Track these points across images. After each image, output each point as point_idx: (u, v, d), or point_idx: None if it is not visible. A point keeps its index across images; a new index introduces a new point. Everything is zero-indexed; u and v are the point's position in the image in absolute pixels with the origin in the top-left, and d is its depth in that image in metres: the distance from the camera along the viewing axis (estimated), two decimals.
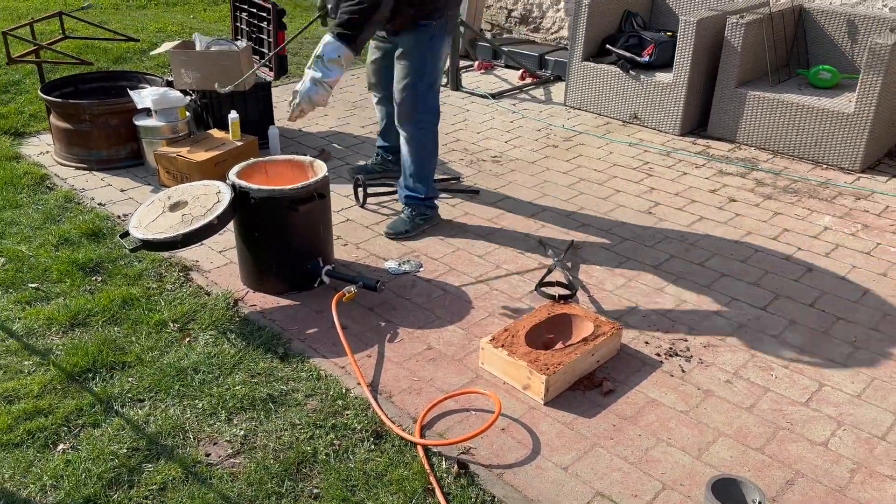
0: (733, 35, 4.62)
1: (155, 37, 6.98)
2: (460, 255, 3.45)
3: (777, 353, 2.81)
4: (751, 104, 4.65)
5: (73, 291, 3.09)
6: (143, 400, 2.51)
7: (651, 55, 4.98)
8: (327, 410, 2.47)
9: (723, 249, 3.53)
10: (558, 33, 6.80)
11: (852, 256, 3.47)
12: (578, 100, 5.37)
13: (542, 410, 2.50)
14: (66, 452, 2.28)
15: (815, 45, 4.99)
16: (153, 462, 2.26)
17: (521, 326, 2.72)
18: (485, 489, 2.18)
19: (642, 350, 2.81)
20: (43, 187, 4.04)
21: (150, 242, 2.87)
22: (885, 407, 2.53)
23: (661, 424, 2.44)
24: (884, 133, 4.46)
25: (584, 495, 2.17)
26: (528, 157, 4.57)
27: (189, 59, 4.16)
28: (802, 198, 4.06)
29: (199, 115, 4.51)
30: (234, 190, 2.99)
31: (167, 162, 3.99)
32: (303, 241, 3.10)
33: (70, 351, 2.71)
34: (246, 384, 2.58)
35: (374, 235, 3.62)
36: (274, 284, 3.12)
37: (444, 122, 5.12)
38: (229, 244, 3.43)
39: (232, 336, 2.84)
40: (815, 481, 2.23)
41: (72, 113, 4.18)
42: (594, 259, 3.44)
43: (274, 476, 2.21)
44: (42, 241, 3.46)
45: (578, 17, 5.17)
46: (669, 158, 4.58)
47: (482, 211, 3.88)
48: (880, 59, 4.11)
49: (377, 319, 2.99)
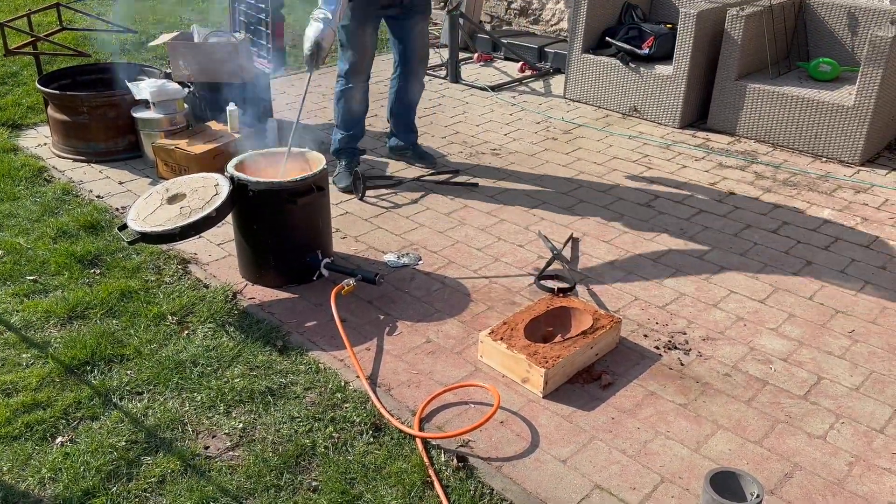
0: (733, 27, 4.61)
1: (153, 28, 6.96)
2: (459, 248, 3.45)
3: (776, 346, 2.81)
4: (751, 97, 4.64)
5: (72, 284, 3.08)
6: (141, 393, 2.51)
7: (651, 47, 4.96)
8: (326, 403, 2.47)
9: (722, 242, 3.53)
10: (558, 25, 6.78)
11: (851, 249, 3.47)
12: (578, 92, 5.36)
13: (540, 403, 2.50)
14: (64, 445, 2.28)
15: (815, 37, 4.97)
16: (152, 455, 2.26)
17: (520, 319, 2.72)
18: (483, 482, 2.18)
19: (641, 343, 2.81)
20: (41, 179, 4.03)
21: (148, 235, 2.87)
22: (884, 400, 2.53)
23: (660, 417, 2.44)
24: (883, 126, 4.45)
25: (582, 488, 2.17)
26: (528, 150, 4.56)
27: (187, 51, 4.14)
28: (802, 191, 4.06)
29: (198, 108, 4.49)
30: (232, 182, 2.98)
31: (165, 154, 3.98)
32: (301, 233, 3.09)
33: (68, 344, 2.71)
34: (245, 377, 2.58)
35: (372, 228, 3.61)
36: (272, 277, 3.12)
37: (443, 115, 5.12)
38: (228, 237, 3.43)
39: (230, 329, 2.83)
40: (813, 474, 2.23)
41: (70, 105, 4.17)
42: (593, 252, 3.44)
43: (273, 469, 2.21)
44: (40, 233, 3.45)
45: (578, 8, 5.15)
46: (669, 151, 4.58)
47: (481, 204, 3.87)
48: (880, 52, 4.10)
49: (376, 312, 2.98)
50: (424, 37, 4.03)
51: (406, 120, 4.26)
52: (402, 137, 4.31)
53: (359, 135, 4.09)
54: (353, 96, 3.94)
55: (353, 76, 3.88)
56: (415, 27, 3.94)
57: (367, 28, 3.79)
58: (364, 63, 3.88)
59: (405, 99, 4.16)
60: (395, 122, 4.29)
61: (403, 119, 4.26)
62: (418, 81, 4.13)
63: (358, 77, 3.90)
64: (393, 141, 4.34)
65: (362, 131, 4.11)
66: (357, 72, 3.88)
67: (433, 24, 7.42)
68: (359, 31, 3.76)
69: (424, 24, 3.99)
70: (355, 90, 3.92)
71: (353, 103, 3.97)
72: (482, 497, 2.13)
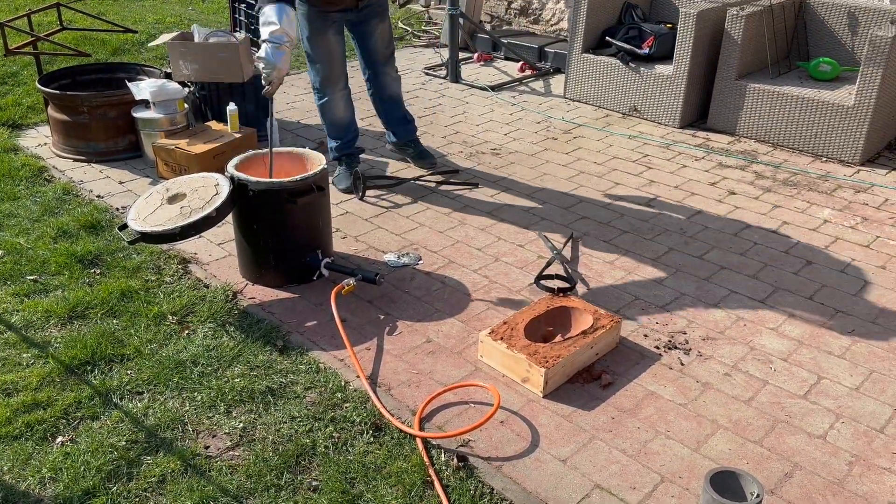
0: (733, 27, 4.61)
1: (153, 28, 6.96)
2: (459, 248, 3.45)
3: (776, 346, 2.81)
4: (751, 97, 4.64)
5: (72, 284, 3.08)
6: (141, 392, 2.51)
7: (651, 47, 4.96)
8: (326, 403, 2.47)
9: (722, 242, 3.53)
10: (558, 25, 6.78)
11: (851, 249, 3.47)
12: (578, 92, 5.36)
13: (540, 403, 2.50)
14: (64, 445, 2.28)
15: (815, 37, 4.97)
16: (152, 454, 2.26)
17: (520, 319, 2.72)
18: (483, 482, 2.18)
19: (641, 343, 2.81)
20: (41, 179, 4.03)
21: (148, 235, 2.87)
22: (884, 400, 2.53)
23: (660, 417, 2.44)
24: (883, 126, 4.45)
25: (582, 488, 2.17)
26: (528, 150, 4.56)
27: (187, 51, 4.15)
28: (802, 190, 4.06)
29: (198, 107, 4.49)
30: (232, 182, 2.98)
31: (165, 154, 3.98)
32: (301, 233, 3.09)
33: (69, 343, 2.71)
34: (245, 377, 2.58)
35: (373, 228, 3.62)
36: (273, 277, 3.12)
37: (443, 115, 5.12)
38: (228, 236, 3.43)
39: (231, 329, 2.83)
40: (813, 474, 2.23)
41: (70, 105, 4.17)
42: (593, 252, 3.44)
43: (273, 468, 2.21)
44: (40, 233, 3.46)
45: (578, 8, 5.15)
46: (669, 151, 4.58)
47: (481, 204, 3.87)
48: (881, 52, 4.10)
49: (376, 312, 2.98)
50: (386, 35, 3.90)
51: (396, 115, 4.17)
52: (400, 132, 4.23)
53: (352, 139, 4.03)
54: (335, 107, 3.87)
55: (328, 87, 3.80)
56: (375, 31, 3.82)
57: (329, 34, 3.67)
58: (335, 71, 3.79)
59: (385, 95, 4.08)
60: (385, 120, 4.23)
61: (393, 114, 4.17)
62: (391, 76, 4.03)
63: (333, 87, 3.81)
64: (391, 137, 4.29)
65: (355, 134, 4.04)
66: (330, 81, 3.79)
67: (433, 24, 7.42)
68: (321, 39, 3.67)
69: (384, 24, 3.86)
70: (335, 101, 3.85)
71: (336, 114, 3.90)
72: (482, 497, 2.13)
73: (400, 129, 4.23)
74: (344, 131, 3.97)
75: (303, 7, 3.59)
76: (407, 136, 4.24)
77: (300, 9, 3.58)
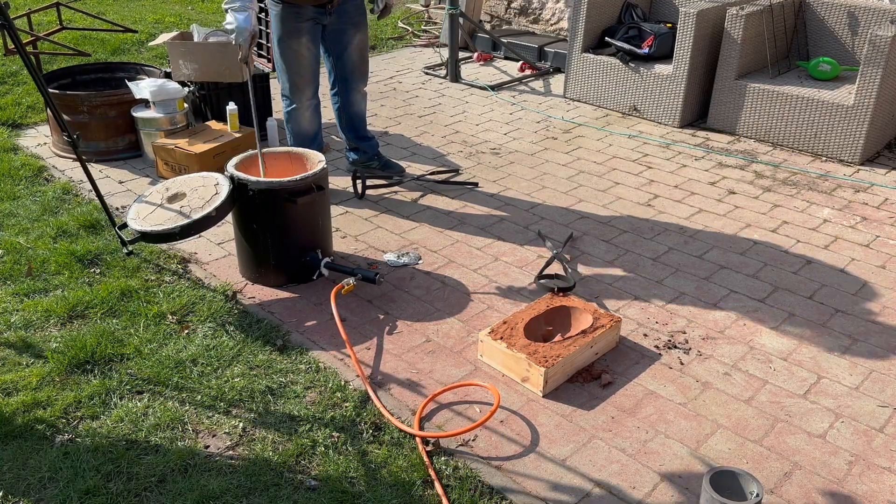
0: (733, 27, 4.61)
1: (153, 28, 6.96)
2: (459, 248, 3.45)
3: (775, 345, 2.81)
4: (750, 96, 4.64)
5: (72, 283, 3.08)
6: (141, 392, 2.51)
7: (651, 47, 4.96)
8: (326, 402, 2.47)
9: (722, 242, 3.53)
10: (558, 25, 6.77)
11: (851, 249, 3.47)
12: (578, 92, 5.36)
13: (540, 403, 2.50)
14: (64, 444, 2.28)
15: (815, 36, 4.97)
16: (152, 454, 2.26)
17: (519, 319, 2.72)
18: (483, 481, 2.18)
19: (641, 342, 2.81)
20: (41, 179, 4.03)
21: (148, 234, 2.87)
22: (884, 399, 2.53)
23: (660, 416, 2.44)
24: (883, 125, 4.45)
25: (582, 487, 2.18)
26: (528, 150, 4.56)
27: (187, 51, 4.15)
28: (802, 190, 4.06)
29: (198, 107, 4.49)
30: (232, 182, 2.98)
31: (165, 153, 3.98)
32: (301, 233, 3.10)
33: (68, 343, 2.71)
34: (245, 376, 2.58)
35: (372, 228, 3.62)
36: (272, 276, 3.12)
37: (443, 114, 5.12)
38: (228, 236, 3.43)
39: (230, 328, 2.83)
40: (812, 473, 2.23)
41: (69, 104, 4.17)
42: (593, 251, 3.44)
43: (273, 468, 2.21)
44: (40, 232, 3.46)
45: (578, 8, 5.15)
46: (669, 150, 4.58)
47: (481, 203, 3.87)
48: (880, 52, 4.10)
49: (376, 312, 2.98)
50: (362, 51, 3.78)
51: (359, 132, 4.04)
52: (364, 147, 4.07)
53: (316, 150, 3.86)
54: (300, 117, 3.77)
55: (296, 94, 3.69)
56: (351, 41, 3.71)
57: (302, 39, 3.55)
58: (304, 79, 3.66)
59: (350, 111, 3.96)
60: (347, 137, 4.06)
61: (356, 132, 4.03)
62: (361, 93, 3.93)
63: (301, 95, 3.70)
64: (352, 156, 4.11)
65: (320, 147, 3.91)
66: (298, 89, 3.68)
67: (433, 23, 7.41)
68: (292, 42, 3.55)
69: (362, 37, 3.75)
70: (301, 110, 3.75)
71: (301, 124, 3.79)
72: (482, 496, 2.13)
73: (364, 144, 4.07)
74: (309, 143, 3.81)
75: (275, 7, 3.50)
76: (372, 150, 4.09)
77: (273, 9, 3.51)
